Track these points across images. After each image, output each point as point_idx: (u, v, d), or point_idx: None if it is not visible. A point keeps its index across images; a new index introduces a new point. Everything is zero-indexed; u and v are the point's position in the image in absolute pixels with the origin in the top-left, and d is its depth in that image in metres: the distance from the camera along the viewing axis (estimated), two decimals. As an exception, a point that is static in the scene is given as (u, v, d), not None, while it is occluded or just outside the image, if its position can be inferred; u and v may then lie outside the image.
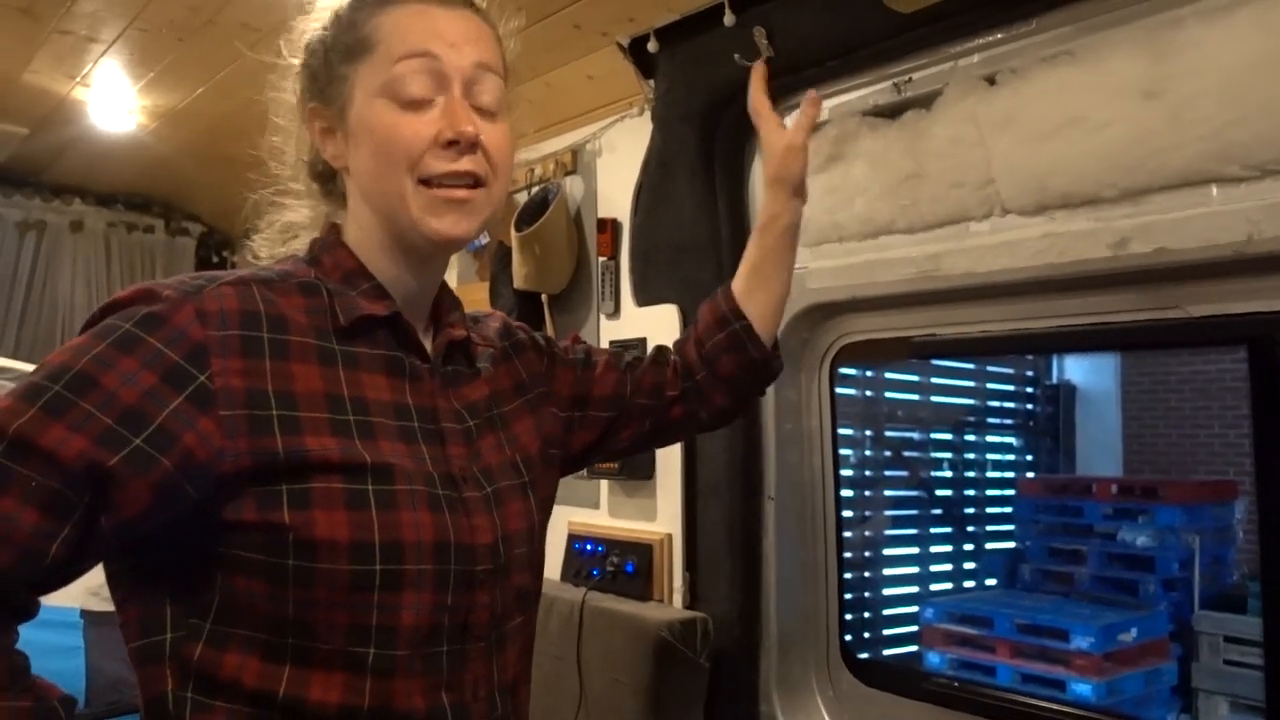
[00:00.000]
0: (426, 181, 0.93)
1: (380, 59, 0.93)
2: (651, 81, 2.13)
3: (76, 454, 0.77)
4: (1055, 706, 1.85)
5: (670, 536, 2.14)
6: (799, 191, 1.32)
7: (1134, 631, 4.51)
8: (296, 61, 1.02)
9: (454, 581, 0.91)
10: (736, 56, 1.89)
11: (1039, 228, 1.60)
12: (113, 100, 2.66)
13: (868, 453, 5.51)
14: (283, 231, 1.07)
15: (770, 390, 2.08)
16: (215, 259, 3.98)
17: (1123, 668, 4.42)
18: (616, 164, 2.34)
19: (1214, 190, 1.41)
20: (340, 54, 0.96)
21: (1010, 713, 1.81)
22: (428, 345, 1.00)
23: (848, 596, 2.09)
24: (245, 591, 0.84)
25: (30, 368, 2.13)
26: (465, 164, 0.93)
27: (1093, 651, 4.30)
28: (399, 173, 0.92)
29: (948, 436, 6.05)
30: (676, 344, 1.33)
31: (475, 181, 0.94)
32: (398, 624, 0.87)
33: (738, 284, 1.31)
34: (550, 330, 2.43)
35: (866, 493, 5.41)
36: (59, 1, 2.10)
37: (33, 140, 3.04)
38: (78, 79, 2.54)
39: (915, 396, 5.81)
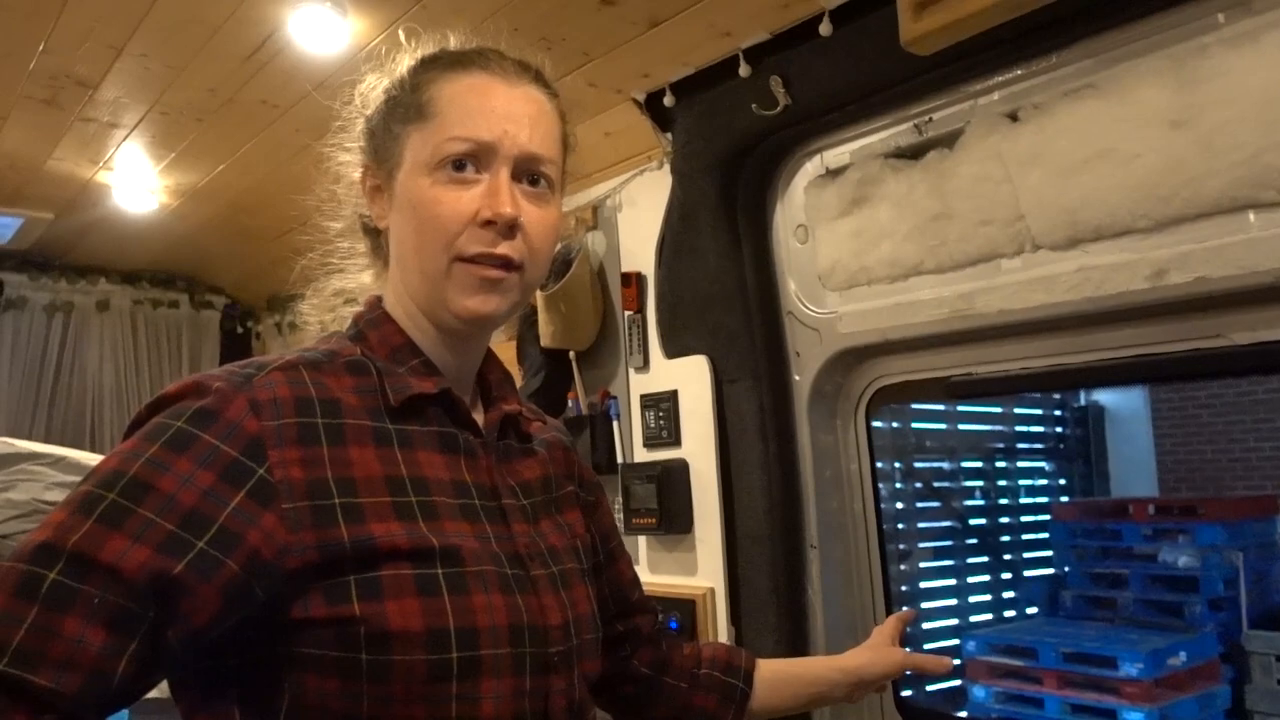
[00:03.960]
0: (461, 258, 0.90)
1: (434, 130, 0.91)
2: (669, 135, 2.13)
3: (139, 565, 0.74)
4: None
5: (713, 590, 2.11)
6: (861, 693, 1.27)
7: (1183, 655, 4.39)
8: (363, 114, 0.99)
9: (530, 665, 0.87)
10: (754, 106, 1.89)
11: (1073, 262, 1.59)
12: (135, 182, 2.70)
13: (898, 485, 5.45)
14: (334, 296, 1.05)
15: (806, 436, 2.09)
16: (239, 329, 4.01)
17: (1175, 693, 4.30)
18: (638, 218, 2.35)
19: (1251, 216, 1.39)
20: (399, 113, 0.94)
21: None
22: (478, 419, 0.97)
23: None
24: (317, 691, 0.80)
25: (62, 451, 2.13)
26: (502, 248, 0.90)
27: (1143, 678, 4.19)
28: (437, 249, 0.90)
29: (978, 464, 5.98)
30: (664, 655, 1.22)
31: (508, 264, 0.91)
32: (478, 715, 0.83)
33: (768, 668, 1.24)
34: (579, 387, 2.42)
35: (900, 525, 5.34)
36: (81, 91, 2.13)
37: (58, 224, 3.08)
38: (100, 164, 2.57)
39: (943, 425, 5.76)
